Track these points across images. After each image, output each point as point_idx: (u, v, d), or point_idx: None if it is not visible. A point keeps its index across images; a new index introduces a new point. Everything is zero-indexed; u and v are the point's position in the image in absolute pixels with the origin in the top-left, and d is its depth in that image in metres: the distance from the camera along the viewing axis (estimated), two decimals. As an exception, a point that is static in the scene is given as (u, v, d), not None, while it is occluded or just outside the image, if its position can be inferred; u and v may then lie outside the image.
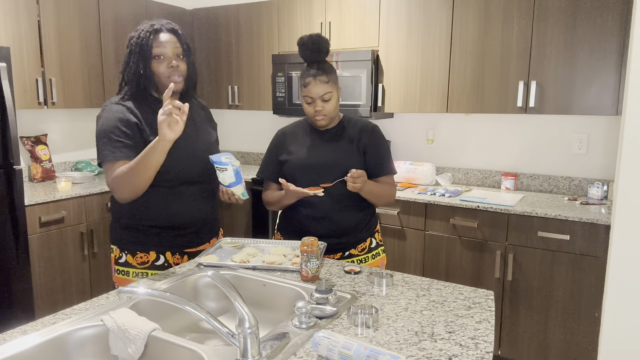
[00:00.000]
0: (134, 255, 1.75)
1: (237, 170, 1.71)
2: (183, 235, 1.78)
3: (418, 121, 3.60)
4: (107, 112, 1.67)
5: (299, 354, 1.11)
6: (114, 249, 1.79)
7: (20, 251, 2.71)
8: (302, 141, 1.95)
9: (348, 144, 1.90)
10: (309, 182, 1.86)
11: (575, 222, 2.54)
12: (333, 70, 1.87)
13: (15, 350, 1.11)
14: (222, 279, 1.08)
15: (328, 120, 1.87)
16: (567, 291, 2.60)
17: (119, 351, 1.19)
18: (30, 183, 3.35)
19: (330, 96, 1.83)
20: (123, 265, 1.75)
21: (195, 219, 1.79)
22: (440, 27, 3.06)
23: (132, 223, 1.74)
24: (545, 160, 3.19)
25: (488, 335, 1.19)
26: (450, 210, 2.89)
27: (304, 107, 1.87)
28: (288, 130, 2.01)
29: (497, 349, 2.84)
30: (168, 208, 1.72)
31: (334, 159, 1.87)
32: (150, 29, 1.67)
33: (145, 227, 1.73)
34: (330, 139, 1.92)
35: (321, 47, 1.84)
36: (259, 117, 4.35)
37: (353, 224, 1.91)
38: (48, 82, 3.14)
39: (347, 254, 1.93)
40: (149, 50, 1.66)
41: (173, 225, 1.75)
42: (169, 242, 1.76)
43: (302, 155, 1.91)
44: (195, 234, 1.82)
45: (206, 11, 4.05)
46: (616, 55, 2.59)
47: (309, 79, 1.82)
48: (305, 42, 1.84)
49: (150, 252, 1.74)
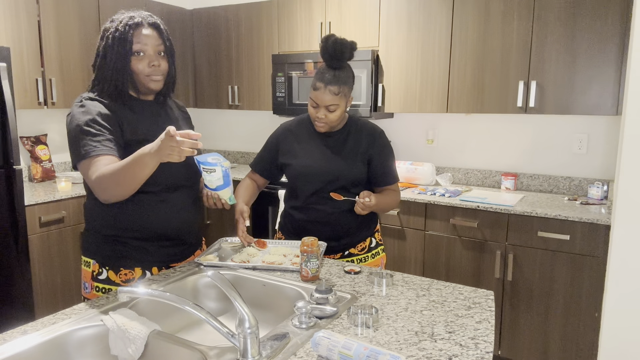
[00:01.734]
0: (117, 272, 1.57)
1: (226, 171, 1.55)
2: (169, 247, 1.64)
3: (418, 121, 3.60)
4: (83, 106, 1.51)
5: (299, 354, 1.10)
6: (91, 263, 1.59)
7: (20, 251, 2.71)
8: (307, 145, 1.89)
9: (352, 153, 1.86)
10: (310, 189, 1.86)
11: (575, 222, 2.54)
12: (349, 80, 1.78)
13: (15, 350, 1.11)
14: (222, 279, 1.08)
15: (327, 128, 1.83)
16: (567, 291, 2.60)
17: (119, 351, 1.19)
18: (30, 183, 3.35)
19: (336, 108, 1.76)
20: (104, 282, 1.57)
21: (181, 227, 1.64)
22: (440, 27, 3.06)
23: (115, 234, 1.57)
24: (546, 160, 3.19)
25: (488, 335, 1.19)
26: (450, 210, 2.89)
27: (309, 107, 1.82)
28: (292, 129, 1.94)
29: (497, 349, 2.84)
30: (153, 216, 1.57)
31: (337, 169, 1.84)
32: (131, 22, 1.51)
33: (130, 239, 1.57)
34: (334, 144, 1.87)
35: (343, 55, 1.73)
36: (259, 117, 4.35)
37: (354, 227, 1.91)
38: (48, 82, 3.14)
39: (346, 254, 1.93)
40: (129, 45, 1.50)
41: (159, 236, 1.60)
42: (154, 257, 1.61)
43: (306, 161, 1.87)
44: (180, 246, 1.68)
45: (206, 11, 4.05)
46: (616, 56, 2.59)
47: (319, 84, 1.73)
48: (328, 47, 1.72)
49: (136, 269, 1.59)
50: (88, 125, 1.46)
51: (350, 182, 1.85)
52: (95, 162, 1.43)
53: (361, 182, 1.88)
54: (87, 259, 1.62)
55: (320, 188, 1.85)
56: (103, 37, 1.54)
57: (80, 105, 1.52)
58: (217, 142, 4.67)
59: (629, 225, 2.18)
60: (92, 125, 1.47)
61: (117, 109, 1.54)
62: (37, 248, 2.85)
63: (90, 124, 1.47)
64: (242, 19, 3.87)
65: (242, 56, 3.92)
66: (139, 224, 1.56)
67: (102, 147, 1.45)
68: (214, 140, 4.68)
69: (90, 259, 1.60)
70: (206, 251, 1.75)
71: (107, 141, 1.46)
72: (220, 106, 4.12)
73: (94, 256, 1.60)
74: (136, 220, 1.56)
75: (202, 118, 4.66)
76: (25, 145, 3.38)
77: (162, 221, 1.59)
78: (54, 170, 3.51)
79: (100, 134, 1.46)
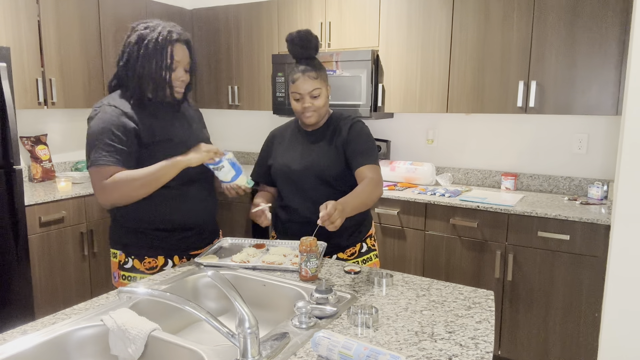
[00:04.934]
0: (141, 261, 1.70)
1: (232, 162, 1.70)
2: (189, 237, 1.76)
3: (418, 121, 3.60)
4: (102, 113, 1.61)
5: (299, 354, 1.10)
6: (118, 254, 1.73)
7: (20, 251, 2.71)
8: (287, 145, 1.93)
9: (329, 147, 1.86)
10: (289, 187, 1.88)
11: (575, 222, 2.54)
12: (322, 67, 1.84)
13: (15, 350, 1.11)
14: (222, 279, 1.08)
15: (317, 117, 1.83)
16: (567, 291, 2.60)
17: (119, 351, 1.19)
18: (30, 183, 3.35)
19: (319, 92, 1.80)
20: (129, 270, 1.70)
21: (199, 218, 1.76)
22: (440, 27, 3.06)
23: (140, 227, 1.69)
24: (545, 160, 3.19)
25: (488, 335, 1.19)
26: (450, 210, 2.89)
27: (292, 104, 1.83)
28: (277, 132, 2.00)
29: (497, 349, 2.84)
30: (174, 209, 1.69)
31: (308, 162, 1.84)
32: (169, 37, 1.63)
33: (153, 230, 1.69)
34: (314, 141, 1.89)
35: (310, 43, 1.80)
36: (259, 117, 4.35)
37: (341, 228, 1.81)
38: (48, 82, 3.14)
39: (334, 258, 1.90)
40: (171, 60, 1.63)
41: (179, 227, 1.72)
42: (176, 245, 1.73)
43: (285, 160, 1.90)
44: (200, 235, 1.80)
45: (206, 11, 4.06)
46: (616, 55, 2.59)
47: (297, 75, 1.79)
48: (293, 39, 1.80)
49: (159, 257, 1.71)
50: (103, 134, 1.58)
51: (333, 177, 1.83)
52: (102, 171, 1.57)
53: (343, 176, 1.84)
54: (114, 250, 1.74)
55: (302, 187, 1.85)
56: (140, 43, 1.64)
57: (100, 112, 1.62)
58: (217, 142, 4.67)
59: (629, 225, 2.18)
60: (106, 135, 1.58)
61: (138, 116, 1.63)
62: (37, 248, 2.85)
63: (104, 133, 1.58)
64: (242, 19, 3.87)
65: (242, 56, 3.92)
66: (161, 216, 1.69)
67: (112, 158, 1.57)
68: (214, 140, 4.68)
69: (117, 250, 1.73)
70: (206, 251, 1.75)
71: (117, 153, 1.58)
72: (220, 106, 4.12)
73: (120, 247, 1.72)
74: (158, 213, 1.68)
75: (202, 118, 4.66)
76: (25, 145, 3.38)
77: (183, 213, 1.71)
78: (54, 170, 3.51)
79: (112, 145, 1.58)
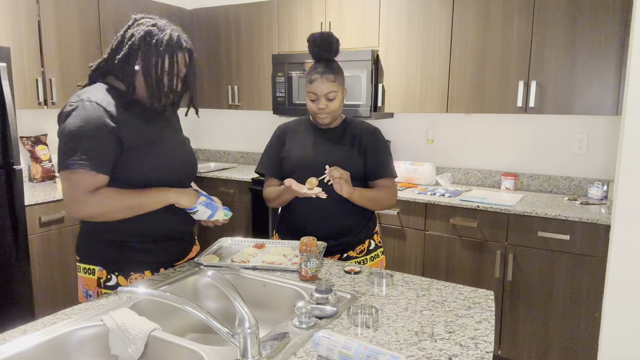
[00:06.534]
0: (127, 277, 1.56)
1: (206, 203, 1.61)
2: (171, 246, 1.66)
3: (418, 121, 3.60)
4: (81, 110, 1.43)
5: (299, 354, 1.10)
6: (96, 270, 1.56)
7: (20, 251, 2.71)
8: (303, 138, 1.93)
9: (349, 146, 1.89)
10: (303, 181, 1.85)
11: (575, 222, 2.54)
12: (341, 70, 1.86)
13: (15, 350, 1.11)
14: (222, 279, 1.08)
15: (331, 118, 1.86)
16: (567, 291, 2.60)
17: (119, 351, 1.19)
18: (30, 183, 3.35)
19: (335, 95, 1.82)
20: (113, 287, 1.54)
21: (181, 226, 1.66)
22: (440, 27, 3.06)
23: (121, 239, 1.55)
24: (545, 160, 3.19)
25: (488, 335, 1.19)
26: (450, 210, 2.89)
27: (308, 104, 1.86)
28: (289, 127, 2.00)
29: (497, 349, 2.84)
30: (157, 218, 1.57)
31: (334, 159, 1.84)
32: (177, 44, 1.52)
33: (135, 242, 1.57)
34: (331, 138, 1.91)
35: (332, 46, 1.82)
36: (259, 117, 4.35)
37: (351, 225, 1.90)
38: (48, 82, 3.14)
39: (345, 256, 1.92)
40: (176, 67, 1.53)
41: (163, 237, 1.62)
42: (161, 257, 1.63)
43: (302, 153, 1.90)
44: (180, 244, 1.70)
45: (206, 11, 4.05)
46: (616, 55, 2.59)
47: (315, 76, 1.81)
48: (315, 40, 1.82)
49: (146, 272, 1.59)
50: (81, 134, 1.40)
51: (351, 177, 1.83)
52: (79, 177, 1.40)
53: (359, 176, 1.88)
54: (89, 266, 1.57)
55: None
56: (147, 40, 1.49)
57: (78, 109, 1.43)
58: (217, 142, 4.67)
59: (629, 225, 2.18)
60: (85, 135, 1.40)
61: (120, 115, 1.48)
62: (37, 248, 2.85)
63: (83, 134, 1.40)
64: (242, 19, 3.87)
65: (242, 56, 3.92)
66: (145, 227, 1.56)
67: (89, 162, 1.40)
68: (214, 140, 4.69)
69: (94, 266, 1.56)
70: (206, 251, 1.75)
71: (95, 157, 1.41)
72: (220, 106, 4.12)
73: (99, 263, 1.56)
74: (142, 223, 1.55)
75: (202, 118, 4.66)
76: (25, 145, 3.38)
77: (166, 222, 1.60)
78: (54, 170, 3.51)
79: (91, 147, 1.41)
